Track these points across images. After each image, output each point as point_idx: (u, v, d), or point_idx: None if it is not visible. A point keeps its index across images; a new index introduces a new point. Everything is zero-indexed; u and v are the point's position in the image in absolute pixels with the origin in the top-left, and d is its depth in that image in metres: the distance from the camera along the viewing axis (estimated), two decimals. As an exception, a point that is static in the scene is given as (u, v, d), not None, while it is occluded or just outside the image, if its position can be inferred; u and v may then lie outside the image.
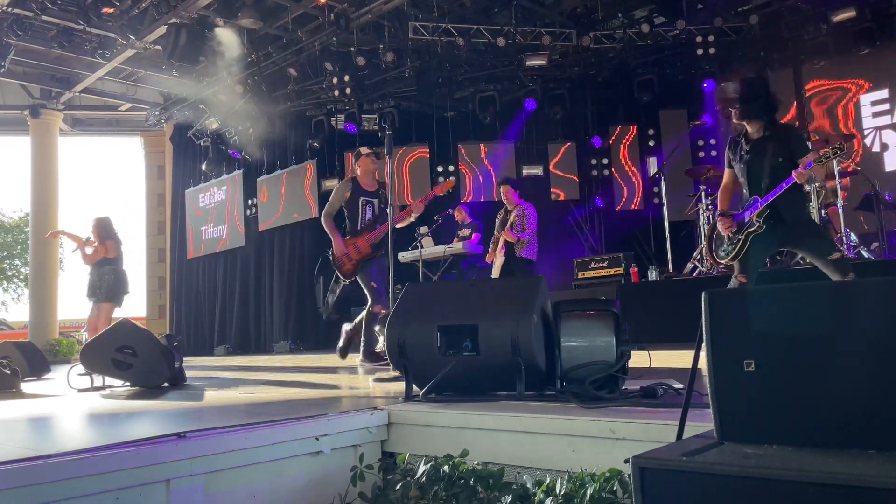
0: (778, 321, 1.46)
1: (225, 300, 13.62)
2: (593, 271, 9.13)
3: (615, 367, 2.82)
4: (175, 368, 4.74)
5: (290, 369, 6.58)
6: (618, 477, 1.88)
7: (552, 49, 10.40)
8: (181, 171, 14.60)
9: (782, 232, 4.04)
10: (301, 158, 12.43)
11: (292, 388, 4.16)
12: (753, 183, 4.09)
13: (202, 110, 12.50)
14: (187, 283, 14.42)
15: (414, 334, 3.02)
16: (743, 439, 1.48)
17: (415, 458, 2.43)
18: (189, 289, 14.37)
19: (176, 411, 3.26)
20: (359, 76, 10.69)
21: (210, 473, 2.22)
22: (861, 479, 1.16)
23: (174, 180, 14.87)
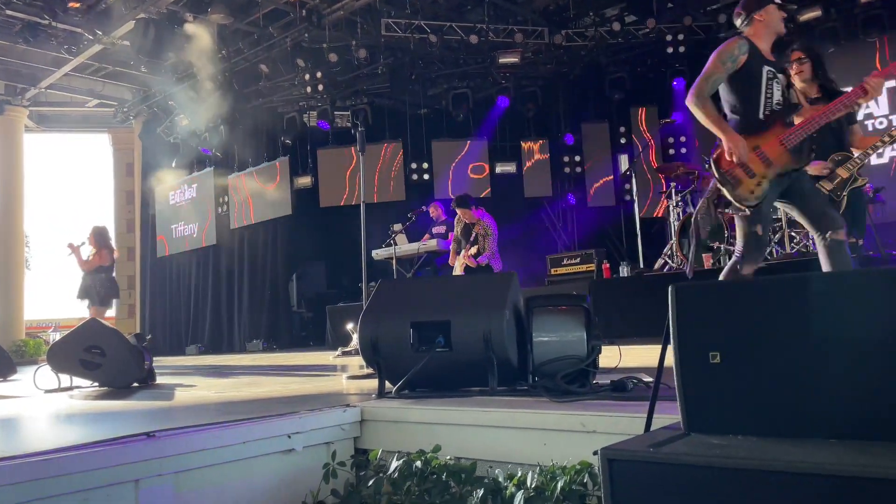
0: (741, 314, 1.49)
1: (197, 299, 13.47)
2: (566, 268, 9.19)
3: (586, 362, 2.84)
4: (145, 368, 4.68)
5: (262, 368, 6.53)
6: (588, 469, 1.90)
7: (525, 47, 10.45)
8: (151, 169, 14.38)
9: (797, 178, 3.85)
10: (273, 155, 12.33)
11: (264, 387, 4.13)
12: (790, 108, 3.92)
13: (172, 107, 12.33)
14: (158, 282, 14.23)
15: (387, 331, 3.02)
16: (709, 430, 1.50)
17: (387, 455, 2.43)
18: (160, 288, 14.18)
19: (145, 411, 3.22)
20: (331, 73, 10.63)
21: (179, 473, 2.20)
22: (821, 467, 1.19)
23: (143, 178, 14.65)
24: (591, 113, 11.81)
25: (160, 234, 14.22)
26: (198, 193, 13.46)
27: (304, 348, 10.97)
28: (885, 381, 1.32)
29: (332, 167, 11.87)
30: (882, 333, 1.33)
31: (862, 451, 1.26)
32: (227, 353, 11.71)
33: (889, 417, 1.32)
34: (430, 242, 8.89)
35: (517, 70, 11.16)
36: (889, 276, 1.37)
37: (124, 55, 11.08)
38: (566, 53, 10.83)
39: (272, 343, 11.89)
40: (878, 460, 1.19)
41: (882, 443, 1.30)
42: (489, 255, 7.21)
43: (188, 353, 12.71)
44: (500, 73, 11.30)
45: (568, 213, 12.06)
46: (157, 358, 6.77)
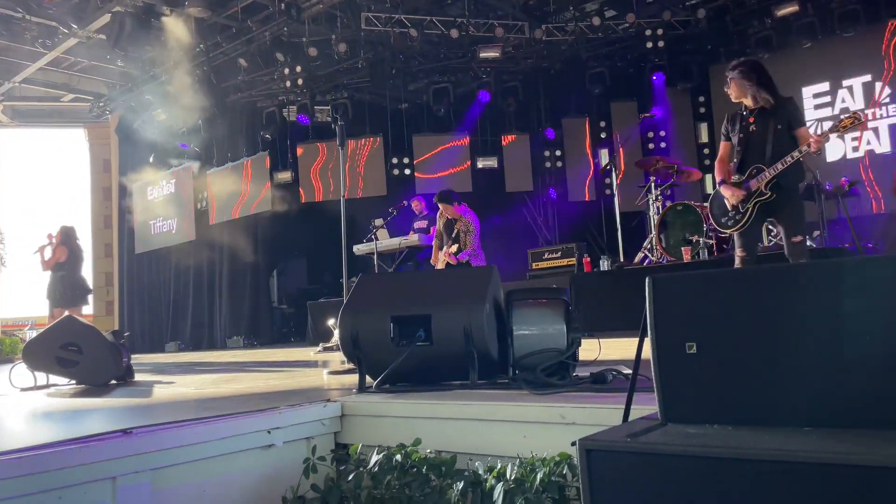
0: (717, 305, 1.50)
1: (176, 296, 13.35)
2: (547, 262, 9.24)
3: (566, 355, 2.85)
4: (123, 365, 4.63)
5: (243, 364, 6.49)
6: (567, 460, 1.91)
7: (505, 41, 10.45)
8: (128, 164, 14.21)
9: (777, 201, 4.17)
10: (253, 150, 12.24)
11: (244, 383, 4.11)
12: (755, 153, 4.23)
13: (149, 102, 12.18)
14: (137, 278, 14.08)
15: (367, 325, 3.01)
16: (685, 420, 1.52)
17: (368, 449, 2.42)
18: (139, 284, 14.04)
19: (122, 408, 3.19)
20: (311, 67, 10.56)
21: (157, 470, 2.18)
22: (794, 454, 1.20)
23: (121, 173, 14.48)
24: (571, 108, 11.84)
25: (138, 230, 14.07)
26: (176, 189, 13.33)
27: (285, 344, 10.92)
28: (857, 369, 1.34)
29: (313, 162, 11.81)
30: (854, 323, 1.35)
31: (835, 438, 1.28)
32: (208, 350, 11.62)
33: (861, 405, 1.33)
34: (411, 237, 8.88)
35: (498, 65, 11.16)
36: (861, 267, 1.39)
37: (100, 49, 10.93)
38: (546, 48, 10.85)
39: (253, 339, 11.82)
40: (851, 447, 1.20)
41: (855, 430, 1.32)
42: (470, 252, 7.21)
43: (168, 350, 12.61)
44: (480, 67, 11.30)
45: (549, 207, 12.10)
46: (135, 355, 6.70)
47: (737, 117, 4.37)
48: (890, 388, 1.31)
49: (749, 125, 4.29)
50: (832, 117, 9.85)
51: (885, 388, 1.31)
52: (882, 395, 1.32)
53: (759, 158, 4.21)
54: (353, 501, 2.21)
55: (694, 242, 7.17)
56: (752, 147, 4.26)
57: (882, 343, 1.32)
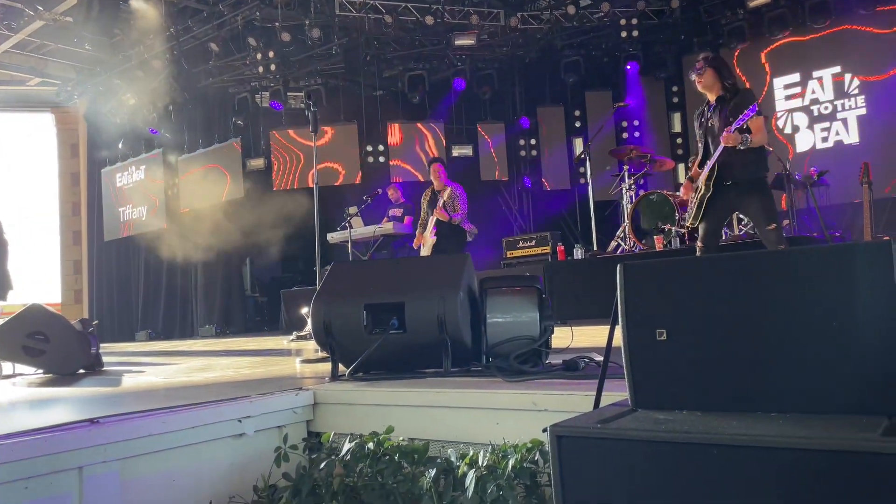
0: (687, 292, 1.51)
1: (147, 284, 13.16)
2: (521, 250, 9.27)
3: (539, 342, 2.87)
4: (91, 354, 4.56)
5: (214, 353, 6.43)
6: (539, 447, 1.92)
7: (480, 29, 10.42)
8: (96, 150, 13.94)
9: (734, 194, 4.23)
10: (224, 137, 12.07)
11: (216, 372, 4.07)
12: (713, 145, 4.31)
13: (118, 86, 11.95)
14: (106, 266, 13.85)
15: (340, 313, 2.98)
16: (655, 406, 1.53)
17: (340, 437, 2.42)
18: (108, 272, 13.81)
19: (90, 397, 3.14)
20: (284, 52, 10.43)
21: (125, 459, 2.15)
22: (761, 439, 1.22)
23: (89, 159, 14.20)
24: (546, 96, 11.86)
25: (107, 217, 13.83)
26: (146, 175, 13.11)
27: (258, 333, 10.84)
28: (822, 356, 1.36)
29: (286, 149, 11.68)
30: (819, 309, 1.37)
31: (801, 423, 1.30)
32: (179, 339, 11.50)
33: (826, 391, 1.36)
34: (386, 225, 8.84)
35: (473, 52, 11.13)
36: (827, 254, 1.41)
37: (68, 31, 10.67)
38: (522, 36, 10.84)
39: (226, 328, 11.72)
40: (816, 432, 1.22)
41: (820, 416, 1.34)
42: (462, 215, 7.28)
43: (138, 338, 12.45)
44: (456, 55, 11.26)
45: (523, 196, 12.13)
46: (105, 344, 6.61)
47: (701, 110, 4.47)
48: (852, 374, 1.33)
49: (708, 117, 4.39)
50: (802, 108, 9.99)
51: (848, 374, 1.34)
52: (845, 381, 1.34)
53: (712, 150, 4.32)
54: (324, 489, 2.20)
55: (666, 231, 7.24)
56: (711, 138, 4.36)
57: (845, 330, 1.35)
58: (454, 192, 7.38)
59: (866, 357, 1.32)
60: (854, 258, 1.36)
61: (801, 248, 1.46)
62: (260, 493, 2.38)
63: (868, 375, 1.32)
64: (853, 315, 1.34)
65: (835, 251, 1.42)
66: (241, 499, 2.38)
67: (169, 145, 12.68)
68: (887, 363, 1.30)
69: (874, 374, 1.32)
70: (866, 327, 1.33)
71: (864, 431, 1.19)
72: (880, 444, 1.12)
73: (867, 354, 1.32)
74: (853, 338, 1.34)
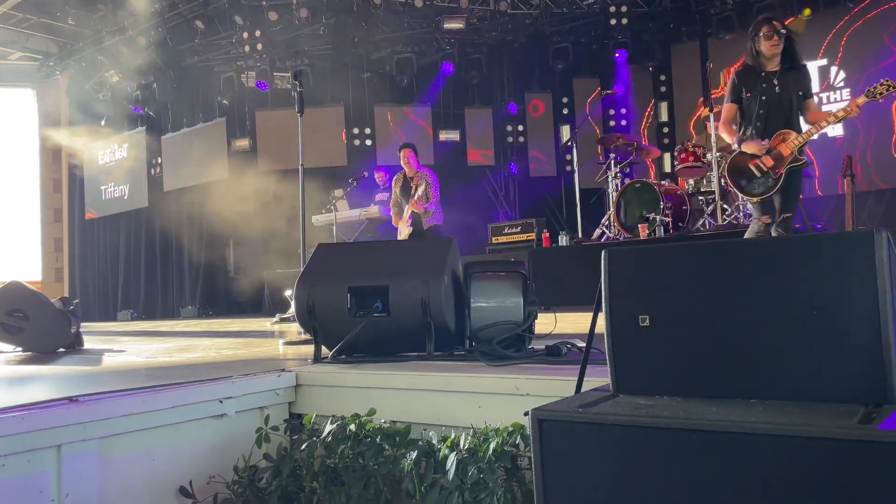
0: (670, 278, 1.52)
1: (129, 263, 13.05)
2: (507, 236, 9.28)
3: (522, 327, 2.87)
4: (71, 333, 4.51)
5: (196, 334, 6.39)
6: (520, 430, 1.93)
7: (470, 13, 10.36)
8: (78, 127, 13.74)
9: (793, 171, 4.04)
10: (209, 116, 11.94)
11: (197, 353, 4.05)
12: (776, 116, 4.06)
13: (101, 62, 11.77)
14: (87, 245, 13.71)
15: (324, 295, 2.97)
16: (636, 391, 1.54)
17: (322, 419, 2.41)
18: (89, 251, 13.68)
19: (70, 376, 3.11)
20: (270, 32, 10.31)
21: (105, 438, 2.13)
22: (740, 425, 1.23)
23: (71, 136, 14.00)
24: (534, 83, 11.83)
25: (89, 194, 13.67)
26: (129, 154, 12.95)
27: (240, 315, 10.80)
28: (802, 344, 1.37)
29: (271, 129, 11.57)
30: (801, 298, 1.38)
31: (780, 410, 1.31)
32: (161, 319, 11.43)
33: (805, 379, 1.37)
34: (372, 209, 8.82)
35: (462, 36, 11.07)
36: (809, 244, 1.42)
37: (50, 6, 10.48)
38: (511, 21, 10.79)
39: (208, 309, 11.66)
40: (794, 419, 1.24)
41: (799, 403, 1.35)
42: (435, 203, 7.26)
43: (120, 318, 12.36)
44: (444, 38, 11.19)
45: (510, 182, 12.12)
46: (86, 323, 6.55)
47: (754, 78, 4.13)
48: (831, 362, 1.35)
49: (773, 87, 4.09)
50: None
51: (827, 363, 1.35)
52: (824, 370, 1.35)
53: (783, 123, 4.06)
54: (305, 471, 2.20)
55: (651, 220, 7.28)
56: (776, 110, 4.07)
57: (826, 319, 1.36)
58: (427, 178, 7.32)
59: (845, 346, 1.34)
60: (836, 248, 1.37)
61: (783, 237, 1.47)
62: (240, 473, 2.37)
63: (846, 364, 1.34)
64: (834, 304, 1.35)
65: (817, 240, 1.43)
66: (222, 479, 2.38)
67: (152, 123, 12.53)
68: (864, 353, 1.32)
69: (852, 363, 1.33)
70: (846, 317, 1.34)
71: (842, 419, 1.20)
72: (857, 431, 1.14)
73: (846, 344, 1.34)
74: (833, 327, 1.35)
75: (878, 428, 1.12)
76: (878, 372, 1.30)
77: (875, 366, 1.30)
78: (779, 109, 4.09)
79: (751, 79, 4.14)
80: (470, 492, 1.84)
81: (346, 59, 11.48)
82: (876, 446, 1.11)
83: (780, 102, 4.09)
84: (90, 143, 13.50)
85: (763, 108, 4.10)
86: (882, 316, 1.30)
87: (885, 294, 1.30)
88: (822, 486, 1.15)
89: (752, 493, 1.21)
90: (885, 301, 1.30)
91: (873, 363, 1.31)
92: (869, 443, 1.11)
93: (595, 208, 9.54)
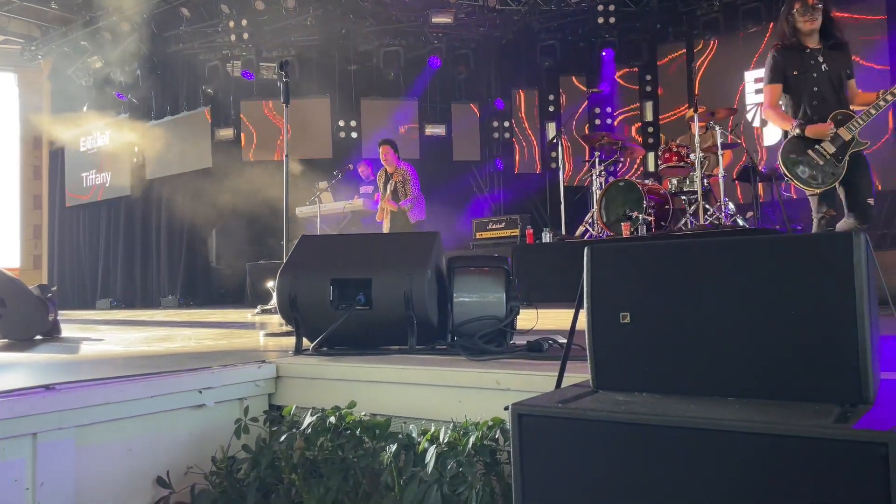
0: (651, 276, 1.53)
1: (109, 251, 12.92)
2: (491, 232, 9.30)
3: (504, 322, 2.88)
4: (49, 321, 4.46)
5: (176, 324, 6.35)
6: (500, 425, 1.93)
7: (458, 7, 10.34)
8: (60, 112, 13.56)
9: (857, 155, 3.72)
10: (193, 105, 11.83)
11: (177, 343, 4.02)
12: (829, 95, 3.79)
13: (84, 47, 11.61)
14: (67, 232, 13.56)
15: (306, 287, 2.96)
16: (616, 388, 1.55)
17: (302, 411, 2.41)
18: (69, 238, 13.52)
19: (46, 364, 3.08)
20: (257, 21, 10.24)
21: (81, 427, 2.11)
22: (718, 423, 1.24)
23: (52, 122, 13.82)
24: (521, 79, 11.85)
25: (69, 181, 13.51)
26: (111, 141, 12.81)
27: (222, 305, 10.73)
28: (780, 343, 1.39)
29: (256, 120, 11.50)
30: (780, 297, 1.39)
31: (757, 409, 1.32)
32: (141, 309, 11.33)
33: (783, 378, 1.38)
34: (356, 202, 8.80)
35: (450, 31, 11.05)
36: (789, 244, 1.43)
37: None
38: (499, 17, 10.80)
39: (188, 299, 11.57)
40: (771, 417, 1.25)
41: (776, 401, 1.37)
42: (411, 199, 7.26)
43: (99, 307, 12.24)
44: (432, 32, 11.16)
45: (495, 177, 12.14)
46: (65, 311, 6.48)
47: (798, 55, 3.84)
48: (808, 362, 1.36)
49: (820, 64, 3.78)
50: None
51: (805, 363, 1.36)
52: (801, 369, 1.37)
53: (836, 102, 3.77)
54: (284, 462, 2.19)
55: (633, 218, 7.31)
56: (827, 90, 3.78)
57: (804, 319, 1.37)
58: (406, 174, 7.34)
59: (822, 347, 1.35)
60: (816, 249, 1.39)
61: (763, 237, 1.48)
62: (218, 464, 2.36)
63: (823, 364, 1.35)
64: (812, 305, 1.37)
65: (797, 241, 1.44)
66: (199, 469, 2.36)
67: (135, 111, 12.39)
68: (841, 353, 1.33)
69: (829, 363, 1.35)
70: (824, 318, 1.36)
71: (818, 418, 1.22)
72: (832, 430, 1.15)
73: (823, 344, 1.35)
74: (810, 327, 1.37)
75: (853, 427, 1.14)
76: (854, 373, 1.32)
77: (851, 366, 1.32)
78: (830, 88, 3.80)
79: (795, 55, 3.84)
80: (449, 485, 1.84)
81: (333, 50, 11.42)
82: (851, 445, 1.12)
83: (829, 81, 3.79)
84: (72, 130, 13.33)
85: (817, 86, 3.79)
86: (859, 317, 1.32)
87: (862, 295, 1.32)
88: (798, 484, 1.16)
89: (728, 489, 1.22)
90: (863, 302, 1.32)
91: (849, 364, 1.32)
92: (844, 441, 1.13)
93: (579, 206, 9.58)
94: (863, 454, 1.11)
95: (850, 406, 1.30)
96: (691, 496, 1.25)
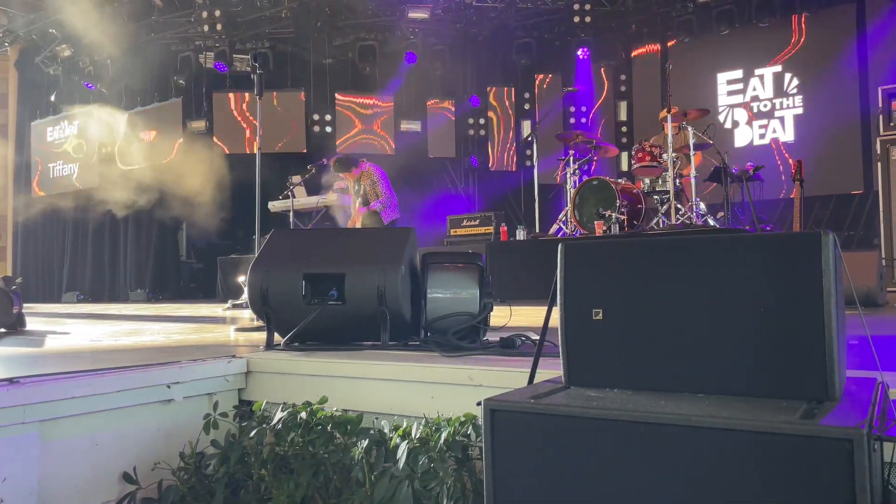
0: (624, 273, 1.54)
1: (76, 244, 12.68)
2: (465, 229, 9.31)
3: (477, 319, 2.88)
4: (13, 313, 4.37)
5: (145, 318, 6.25)
6: (472, 421, 1.94)
7: (435, 3, 10.32)
8: (27, 101, 13.28)
9: None
10: (165, 96, 11.65)
11: (145, 337, 3.96)
12: None
13: (52, 35, 11.36)
14: (32, 224, 13.27)
15: (278, 281, 2.93)
16: (588, 384, 1.56)
17: (272, 406, 2.38)
18: (34, 230, 13.24)
19: (10, 357, 3.01)
20: (231, 12, 10.11)
21: (46, 421, 2.07)
22: (686, 418, 1.26)
23: (19, 111, 13.51)
24: (496, 76, 11.87)
25: (35, 172, 13.23)
26: (79, 131, 12.56)
27: (192, 300, 10.60)
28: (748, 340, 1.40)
29: (229, 112, 11.36)
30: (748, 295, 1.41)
31: (726, 405, 1.34)
32: (109, 302, 11.14)
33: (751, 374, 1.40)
34: (330, 196, 8.73)
35: (426, 26, 11.02)
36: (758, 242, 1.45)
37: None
38: (476, 14, 10.80)
39: (158, 293, 11.41)
40: (739, 413, 1.26)
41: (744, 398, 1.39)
42: (384, 199, 7.21)
43: (65, 300, 12.02)
44: (408, 27, 11.13)
45: (470, 175, 12.15)
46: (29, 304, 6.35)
47: None
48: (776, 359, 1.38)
49: None
50: (743, 104, 10.28)
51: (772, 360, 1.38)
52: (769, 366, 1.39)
53: None
54: (254, 458, 2.17)
55: (606, 217, 7.37)
56: None
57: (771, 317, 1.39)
58: (373, 176, 7.27)
59: (789, 344, 1.37)
60: (785, 247, 1.41)
61: (733, 235, 1.50)
62: (186, 459, 2.33)
63: (791, 362, 1.37)
64: (780, 303, 1.39)
65: (766, 240, 1.46)
66: (167, 465, 2.33)
67: (105, 101, 12.16)
68: (808, 351, 1.36)
69: (796, 360, 1.37)
70: (792, 316, 1.38)
71: (785, 414, 1.23)
72: (798, 426, 1.17)
73: (791, 342, 1.37)
74: (779, 325, 1.39)
75: (819, 423, 1.16)
76: (821, 370, 1.34)
77: (818, 364, 1.34)
78: None
79: None
80: (420, 481, 1.84)
81: (308, 44, 11.32)
82: (817, 441, 1.14)
83: None
84: (38, 120, 13.05)
85: None
86: (826, 316, 1.34)
87: (829, 294, 1.34)
88: (765, 479, 1.18)
89: (698, 484, 1.24)
90: (830, 301, 1.34)
91: (816, 361, 1.34)
92: (810, 437, 1.15)
93: (553, 204, 9.62)
94: (828, 450, 1.13)
95: (816, 403, 1.32)
96: (661, 491, 1.27)
